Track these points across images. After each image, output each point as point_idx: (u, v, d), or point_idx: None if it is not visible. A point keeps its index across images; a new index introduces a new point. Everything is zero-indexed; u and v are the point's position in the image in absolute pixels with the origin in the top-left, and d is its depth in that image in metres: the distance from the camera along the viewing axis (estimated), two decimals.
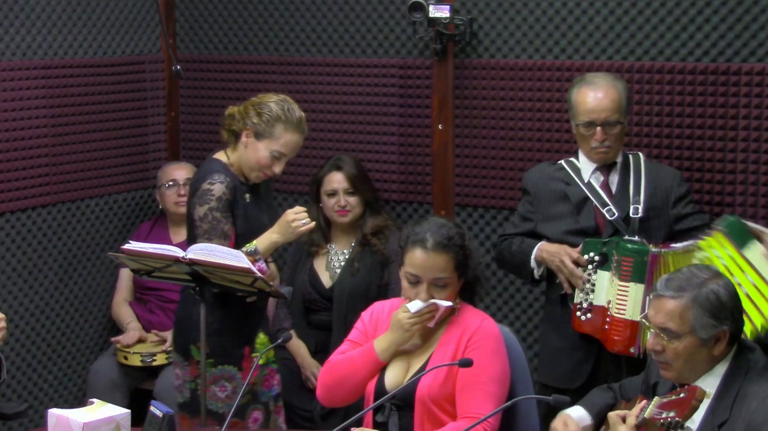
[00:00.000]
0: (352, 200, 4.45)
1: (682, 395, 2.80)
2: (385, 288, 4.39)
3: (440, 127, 4.62)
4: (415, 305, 3.20)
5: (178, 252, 3.47)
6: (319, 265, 4.53)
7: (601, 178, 3.84)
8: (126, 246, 3.57)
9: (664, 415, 2.75)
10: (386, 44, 4.74)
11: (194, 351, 3.84)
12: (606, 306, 3.67)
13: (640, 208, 3.74)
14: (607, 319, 3.66)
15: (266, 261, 3.87)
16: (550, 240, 3.85)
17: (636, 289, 3.61)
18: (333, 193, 4.46)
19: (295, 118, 3.80)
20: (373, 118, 4.81)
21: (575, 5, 4.32)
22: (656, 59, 4.17)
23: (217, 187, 3.70)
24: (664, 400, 2.83)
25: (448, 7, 4.37)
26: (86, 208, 4.86)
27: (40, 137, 4.61)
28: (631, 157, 3.88)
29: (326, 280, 4.49)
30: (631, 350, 3.64)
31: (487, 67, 4.51)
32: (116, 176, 4.98)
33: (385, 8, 4.71)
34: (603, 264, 3.68)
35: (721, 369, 2.94)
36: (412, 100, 4.70)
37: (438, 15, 4.37)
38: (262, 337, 3.91)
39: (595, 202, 3.79)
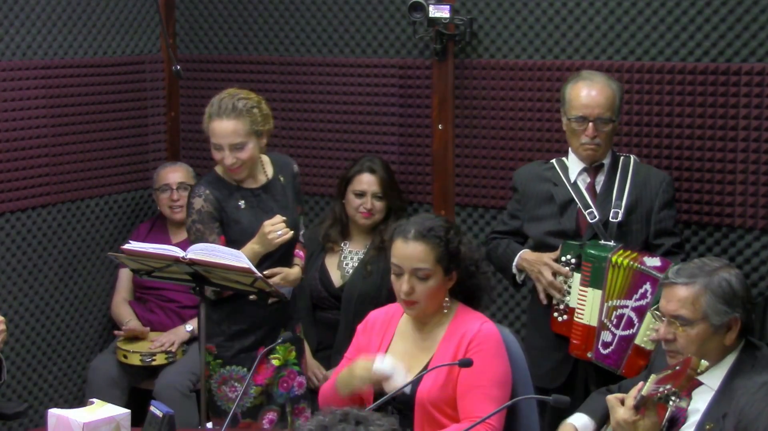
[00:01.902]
0: (379, 205, 4.44)
1: (677, 368, 2.81)
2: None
3: (440, 127, 4.62)
4: (384, 363, 3.13)
5: (178, 252, 3.47)
6: (331, 263, 4.51)
7: (588, 180, 3.83)
8: (126, 246, 3.57)
9: (661, 389, 2.76)
10: (386, 44, 4.74)
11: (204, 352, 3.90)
12: (575, 308, 3.70)
13: (620, 212, 3.73)
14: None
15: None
16: (532, 240, 3.87)
17: (593, 295, 3.63)
18: (361, 194, 4.44)
19: (219, 106, 3.81)
20: (373, 118, 4.81)
21: (575, 5, 4.31)
22: (656, 59, 4.17)
23: (196, 200, 3.83)
24: (660, 376, 2.84)
25: (448, 7, 4.37)
26: (86, 208, 4.86)
27: (40, 137, 4.61)
28: (621, 158, 3.86)
29: (336, 279, 4.48)
30: (588, 355, 3.66)
31: (487, 67, 4.51)
32: (116, 176, 4.98)
33: (385, 8, 4.71)
34: (578, 266, 3.69)
35: (728, 361, 2.96)
36: (412, 100, 4.70)
37: (438, 15, 4.36)
38: None
39: (578, 203, 3.79)
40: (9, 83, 4.46)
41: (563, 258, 3.72)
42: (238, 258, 3.45)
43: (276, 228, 3.74)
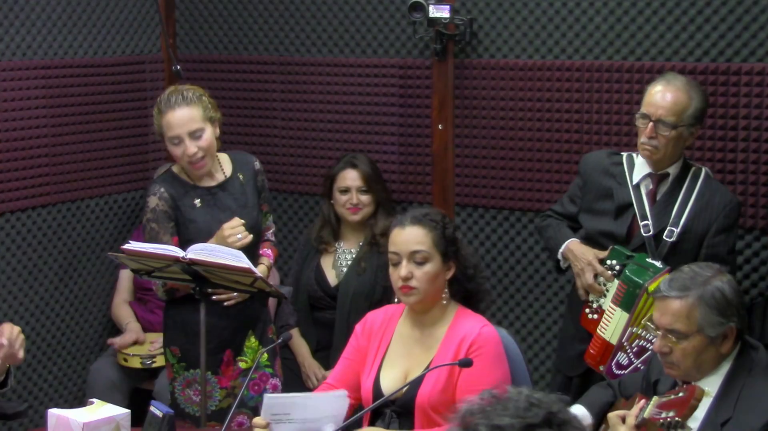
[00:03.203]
0: (365, 198, 4.45)
1: (681, 394, 2.79)
2: (390, 289, 4.37)
3: (440, 127, 4.62)
4: None
5: (178, 252, 3.47)
6: (326, 263, 4.52)
7: (650, 186, 3.67)
8: (126, 246, 3.57)
9: (663, 415, 2.74)
10: (386, 44, 4.74)
11: (168, 354, 3.90)
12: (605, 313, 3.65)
13: (676, 232, 3.59)
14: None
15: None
16: (584, 231, 3.80)
17: (620, 316, 3.55)
18: (346, 190, 4.45)
19: (168, 99, 3.77)
20: (373, 118, 4.81)
21: (575, 5, 4.32)
22: (656, 59, 4.17)
23: (151, 199, 3.80)
24: (663, 400, 2.82)
25: (448, 7, 4.37)
26: (86, 208, 4.86)
27: (40, 137, 4.61)
28: (692, 170, 3.67)
29: (332, 279, 4.48)
30: (600, 368, 3.62)
31: (487, 67, 4.51)
32: (116, 176, 4.98)
33: (385, 8, 4.71)
34: (620, 275, 3.59)
35: (724, 368, 2.93)
36: (412, 100, 4.70)
37: (438, 15, 4.37)
38: (252, 341, 3.90)
39: (636, 210, 3.65)
40: (9, 83, 4.47)
41: (608, 262, 3.62)
42: (238, 258, 3.44)
43: (235, 232, 3.69)
